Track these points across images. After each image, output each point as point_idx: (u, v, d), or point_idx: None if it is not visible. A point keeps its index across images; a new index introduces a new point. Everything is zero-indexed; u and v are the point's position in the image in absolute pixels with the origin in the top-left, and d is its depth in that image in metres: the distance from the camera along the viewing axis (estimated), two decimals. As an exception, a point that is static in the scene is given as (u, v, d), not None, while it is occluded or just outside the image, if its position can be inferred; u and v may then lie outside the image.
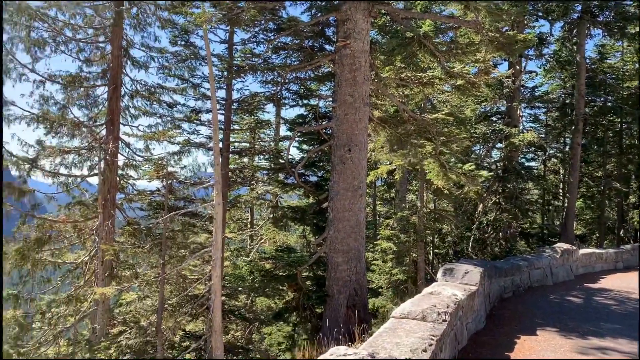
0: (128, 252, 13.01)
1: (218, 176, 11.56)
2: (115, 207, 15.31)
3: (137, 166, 16.66)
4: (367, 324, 11.58)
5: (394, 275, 17.79)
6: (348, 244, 12.06)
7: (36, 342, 14.77)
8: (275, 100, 16.19)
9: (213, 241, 11.56)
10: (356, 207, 12.18)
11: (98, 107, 16.09)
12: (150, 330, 11.67)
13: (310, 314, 12.76)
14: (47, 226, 15.04)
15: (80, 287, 15.47)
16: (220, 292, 11.37)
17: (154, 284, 12.24)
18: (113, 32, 15.12)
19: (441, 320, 5.96)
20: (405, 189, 21.38)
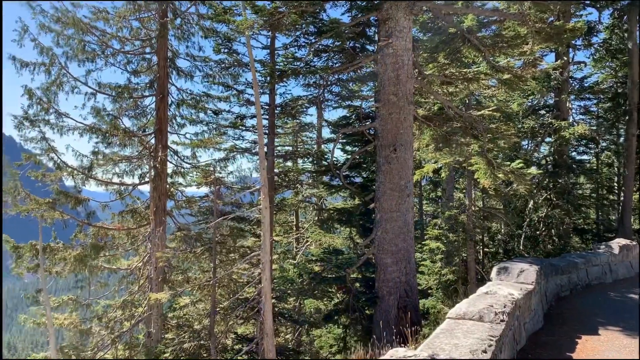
0: (180, 257, 13.31)
1: (264, 180, 11.68)
2: (166, 214, 15.70)
3: (185, 173, 17.04)
4: (419, 325, 11.45)
5: (444, 275, 17.51)
6: (396, 244, 11.95)
7: (95, 346, 15.30)
8: (318, 102, 16.24)
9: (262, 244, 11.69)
10: (403, 207, 12.06)
11: (147, 117, 16.56)
12: (203, 334, 11.90)
13: (360, 315, 12.70)
14: (102, 233, 15.58)
15: (134, 292, 15.94)
16: (270, 295, 11.47)
17: (205, 288, 12.47)
18: (158, 43, 15.53)
19: (499, 320, 5.82)
20: (452, 188, 21.02)
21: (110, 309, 15.35)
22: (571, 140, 20.90)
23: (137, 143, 16.08)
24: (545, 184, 21.05)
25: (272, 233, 14.99)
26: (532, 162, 20.72)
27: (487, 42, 12.23)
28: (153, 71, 16.01)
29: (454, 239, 17.16)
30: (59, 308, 15.28)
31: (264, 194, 11.48)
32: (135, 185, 16.42)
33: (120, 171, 16.34)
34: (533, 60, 12.80)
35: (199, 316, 12.59)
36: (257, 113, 11.91)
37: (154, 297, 12.06)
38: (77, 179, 15.44)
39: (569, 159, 21.54)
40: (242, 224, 14.49)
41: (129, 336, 15.63)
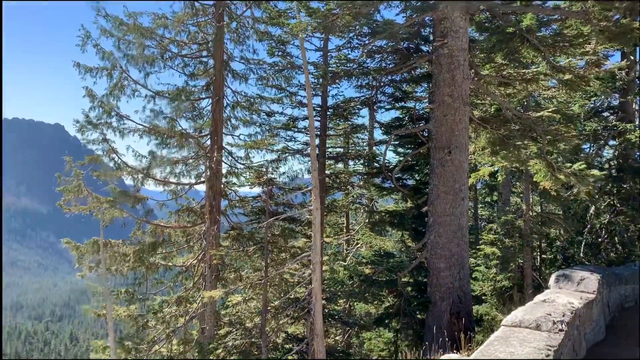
0: (233, 255, 13.57)
1: (315, 181, 11.74)
2: (220, 213, 16.04)
3: (239, 174, 17.36)
4: (472, 332, 11.18)
5: (499, 281, 17.02)
6: (450, 249, 11.72)
7: (151, 340, 15.82)
8: (370, 104, 16.18)
9: (312, 245, 11.75)
10: (458, 211, 11.82)
11: (203, 119, 17.00)
12: (254, 332, 12.08)
13: (411, 320, 12.53)
14: (159, 231, 16.10)
15: (189, 289, 16.38)
16: (320, 296, 11.51)
17: (257, 287, 12.66)
18: (215, 47, 15.92)
19: (557, 329, 5.58)
20: (509, 192, 20.41)
21: (166, 304, 15.82)
22: (637, 144, 19.87)
23: (193, 144, 16.53)
24: (608, 189, 20.08)
25: (322, 234, 15.05)
26: (594, 166, 19.83)
27: (548, 42, 11.80)
28: (209, 74, 16.42)
29: (510, 244, 16.65)
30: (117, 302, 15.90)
31: (315, 195, 11.54)
32: (192, 185, 16.89)
33: (177, 171, 16.84)
34: (596, 60, 12.25)
35: (251, 314, 12.78)
36: (309, 115, 12.00)
37: (208, 295, 12.35)
38: (137, 178, 16.03)
39: (636, 163, 20.46)
40: (293, 224, 14.63)
41: (184, 331, 16.07)
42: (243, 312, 12.94)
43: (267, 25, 15.58)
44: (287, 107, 16.60)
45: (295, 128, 16.39)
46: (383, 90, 15.31)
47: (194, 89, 16.60)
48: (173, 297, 16.13)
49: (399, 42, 13.39)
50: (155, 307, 15.83)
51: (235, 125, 17.27)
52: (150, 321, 15.77)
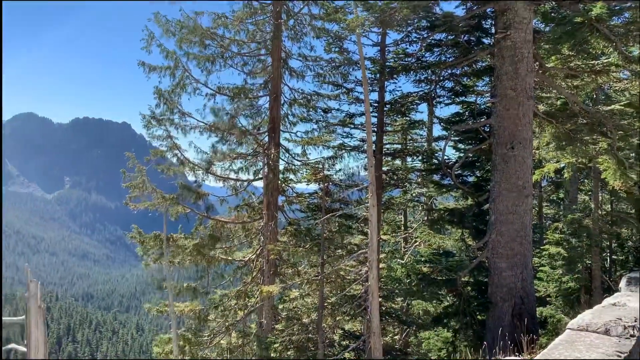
0: (290, 251, 13.69)
1: (372, 178, 11.65)
2: (278, 209, 16.25)
3: (296, 170, 17.50)
4: (535, 334, 10.75)
5: (564, 283, 16.28)
6: (512, 248, 11.31)
7: (211, 332, 16.26)
8: (429, 99, 15.86)
9: (369, 243, 11.67)
10: (521, 209, 11.37)
11: (261, 116, 17.26)
12: (311, 327, 12.15)
13: (471, 320, 12.20)
14: (219, 226, 16.51)
15: (248, 283, 16.70)
16: (377, 294, 11.42)
17: (314, 283, 12.72)
18: (273, 45, 16.10)
19: (628, 335, 5.26)
20: (576, 189, 19.49)
21: (226, 298, 16.20)
22: None
23: (252, 141, 16.82)
24: (686, 187, 18.78)
25: (379, 231, 14.93)
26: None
27: (619, 31, 11.13)
28: (267, 72, 16.64)
29: (577, 244, 15.88)
30: (179, 295, 16.44)
31: (372, 192, 11.45)
32: (250, 181, 17.20)
33: (236, 168, 17.21)
34: (675, 48, 11.47)
35: (308, 310, 12.87)
36: (366, 111, 11.91)
37: (266, 290, 12.53)
38: (198, 174, 16.51)
39: None
40: (349, 221, 14.58)
41: (243, 325, 16.41)
42: (300, 308, 13.03)
43: (324, 21, 15.59)
44: (344, 104, 16.55)
45: (352, 124, 16.31)
46: (442, 85, 14.95)
47: (252, 87, 16.89)
48: (233, 291, 16.50)
49: (459, 35, 13.02)
50: (216, 300, 16.24)
51: (292, 122, 17.43)
52: (211, 314, 16.21)
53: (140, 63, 15.17)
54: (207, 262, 16.15)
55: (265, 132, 16.82)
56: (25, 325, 8.82)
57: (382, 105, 15.62)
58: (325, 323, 12.18)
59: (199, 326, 16.00)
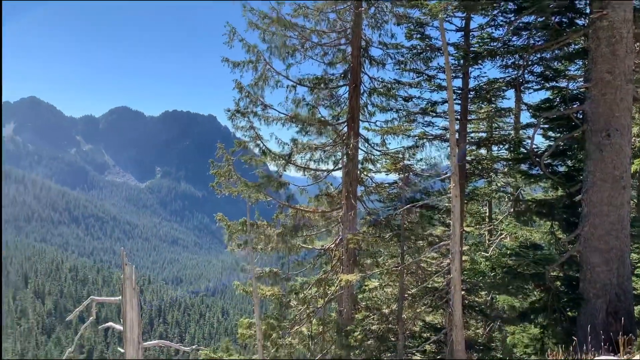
0: (369, 241, 13.65)
1: (455, 168, 11.32)
2: (357, 199, 16.24)
3: (375, 160, 17.36)
4: (633, 334, 10.02)
5: (668, 281, 15.02)
6: (607, 242, 10.58)
7: (292, 319, 16.63)
8: (516, 85, 15.10)
9: (451, 234, 11.38)
10: (617, 201, 10.60)
11: (340, 106, 17.26)
12: (391, 318, 12.07)
13: (560, 317, 11.59)
14: (300, 215, 16.78)
15: (328, 271, 16.87)
16: (459, 287, 11.13)
17: (393, 274, 12.61)
18: (353, 34, 16.01)
19: None
20: (682, 180, 17.86)
21: (306, 285, 16.47)
22: None
23: (331, 131, 16.88)
24: None
25: (462, 223, 14.50)
26: None
27: None
28: (347, 61, 16.59)
29: (683, 239, 14.58)
30: (261, 279, 16.93)
31: (454, 182, 11.13)
32: (329, 171, 17.30)
33: (316, 158, 17.36)
34: None
35: (388, 300, 12.79)
36: (448, 98, 11.55)
37: (345, 278, 12.59)
38: (279, 164, 16.84)
39: None
40: (430, 212, 14.26)
41: (323, 313, 16.63)
42: (379, 298, 12.98)
43: (405, 8, 15.27)
44: (425, 91, 16.13)
45: (434, 112, 15.87)
46: (531, 70, 14.17)
47: (332, 77, 16.91)
48: (313, 279, 16.74)
49: (549, 16, 12.26)
50: (297, 287, 16.56)
51: (371, 111, 17.27)
52: (292, 301, 16.57)
53: (224, 59, 15.63)
54: (288, 249, 16.50)
55: (345, 122, 16.81)
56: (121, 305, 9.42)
57: (466, 92, 15.09)
58: (405, 314, 12.05)
59: (281, 312, 16.40)
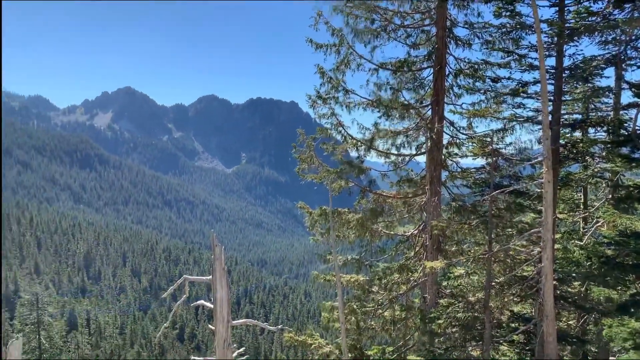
0: (454, 228, 13.31)
1: (547, 152, 10.75)
2: (441, 184, 15.86)
3: (461, 144, 16.84)
4: None
5: None
6: None
7: (375, 304, 16.64)
8: (617, 62, 14.01)
9: (542, 221, 10.86)
10: None
11: (424, 89, 16.85)
12: (478, 306, 11.74)
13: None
14: (381, 201, 16.67)
15: (410, 258, 16.69)
16: (551, 276, 10.62)
17: (480, 261, 12.24)
18: (437, 14, 15.52)
19: None
20: None
21: (389, 271, 16.40)
22: None
23: (414, 115, 16.54)
24: None
25: (554, 210, 13.76)
26: None
27: None
28: (432, 42, 16.14)
29: None
30: (344, 266, 17.06)
31: (547, 167, 10.58)
32: (412, 156, 17.01)
33: (398, 143, 17.10)
34: None
35: (474, 288, 12.44)
36: (541, 78, 10.95)
37: (429, 265, 12.38)
38: (360, 150, 16.77)
39: None
40: (520, 198, 13.65)
41: (405, 299, 16.50)
42: (465, 286, 12.65)
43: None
44: (516, 72, 15.32)
45: (525, 93, 15.06)
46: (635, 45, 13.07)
47: (415, 59, 16.52)
48: (395, 265, 16.62)
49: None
50: (379, 273, 16.53)
51: (457, 93, 16.70)
52: (374, 286, 16.57)
53: (308, 40, 15.68)
54: (370, 235, 16.47)
55: (429, 105, 16.41)
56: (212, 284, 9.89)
57: (560, 71, 14.20)
58: (492, 303, 11.67)
59: (364, 297, 16.46)
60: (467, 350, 12.54)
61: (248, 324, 11.05)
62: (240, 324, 10.83)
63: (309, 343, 15.90)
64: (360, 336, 15.74)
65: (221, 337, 9.68)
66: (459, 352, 12.17)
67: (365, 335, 16.66)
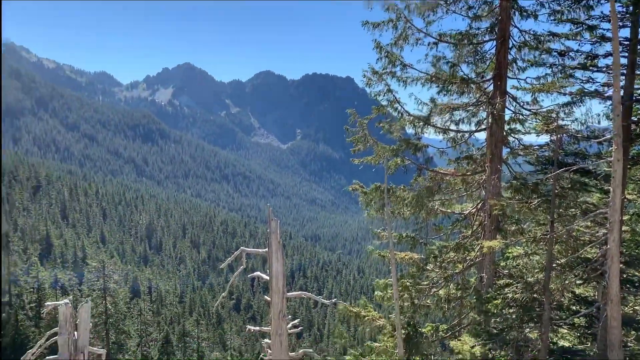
0: (515, 207, 12.92)
1: (618, 129, 10.19)
2: (501, 162, 15.39)
3: (524, 120, 16.20)
4: None
5: None
6: None
7: (430, 282, 16.53)
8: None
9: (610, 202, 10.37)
10: None
11: (485, 63, 16.27)
12: (537, 288, 11.42)
13: None
14: (438, 178, 16.39)
15: (467, 236, 16.40)
16: (617, 259, 10.17)
17: (540, 242, 11.85)
18: (501, -16, 14.86)
19: None
20: None
21: (445, 250, 16.20)
22: None
23: (474, 90, 16.03)
24: None
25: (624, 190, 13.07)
26: None
27: None
28: (494, 14, 15.50)
29: None
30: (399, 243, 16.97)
31: (617, 145, 10.04)
32: (472, 133, 16.56)
33: (457, 119, 16.68)
34: None
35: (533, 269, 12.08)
36: (613, 50, 10.32)
37: (487, 244, 12.13)
38: (417, 127, 16.46)
39: None
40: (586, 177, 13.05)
41: (461, 278, 16.29)
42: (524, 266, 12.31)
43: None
44: (585, 44, 14.49)
45: (595, 67, 14.23)
46: None
47: (477, 32, 15.93)
48: (451, 243, 16.39)
49: None
50: (435, 251, 16.36)
51: (521, 67, 16.02)
52: (429, 264, 16.44)
53: (364, 23, 15.44)
54: (425, 213, 16.27)
55: (490, 80, 15.85)
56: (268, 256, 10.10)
57: (635, 43, 13.30)
58: (552, 284, 11.32)
59: (418, 275, 16.36)
60: (524, 332, 12.26)
61: (302, 296, 11.24)
62: (294, 297, 11.04)
63: (362, 315, 16.03)
64: (414, 313, 15.71)
65: (277, 308, 9.91)
66: (515, 334, 11.91)
67: (419, 312, 16.62)
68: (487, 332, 12.48)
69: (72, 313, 7.76)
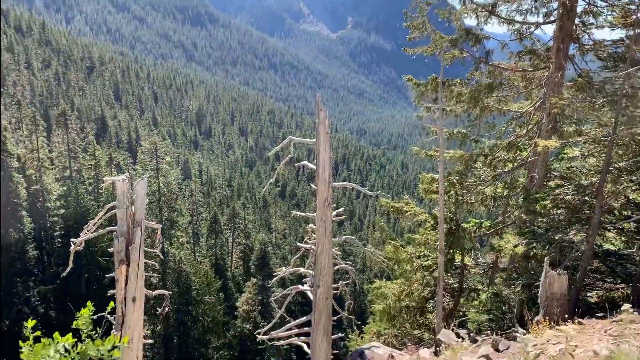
0: (576, 106, 12.27)
1: None
2: (567, 58, 14.41)
3: (598, 13, 14.83)
4: None
5: None
6: None
7: (477, 179, 16.38)
8: None
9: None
10: None
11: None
12: (589, 190, 11.14)
13: None
14: (497, 73, 15.57)
15: (521, 135, 15.90)
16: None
17: (600, 144, 11.35)
18: None
19: None
20: None
21: (496, 148, 15.83)
22: None
23: (546, -23, 14.65)
24: None
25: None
26: None
27: None
28: None
29: None
30: (449, 139, 16.65)
31: None
32: (538, 25, 15.38)
33: (524, 8, 15.44)
34: None
35: (588, 171, 11.72)
36: None
37: (542, 144, 11.72)
38: (480, 16, 15.38)
39: None
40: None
41: (510, 177, 16.04)
42: (579, 168, 11.94)
43: None
44: None
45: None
46: None
47: None
48: (504, 142, 15.97)
49: None
50: (485, 150, 16.02)
51: (602, -49, 14.39)
52: (478, 162, 16.19)
53: None
54: (480, 109, 15.71)
55: (565, -34, 14.38)
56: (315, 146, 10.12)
57: None
58: (606, 188, 10.99)
59: (465, 171, 16.20)
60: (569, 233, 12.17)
61: (347, 186, 11.39)
62: (339, 187, 11.20)
63: (404, 210, 16.26)
64: (457, 209, 15.77)
65: (322, 196, 10.10)
66: (561, 235, 11.85)
67: (462, 208, 16.68)
68: (532, 232, 12.48)
69: (129, 188, 8.12)
